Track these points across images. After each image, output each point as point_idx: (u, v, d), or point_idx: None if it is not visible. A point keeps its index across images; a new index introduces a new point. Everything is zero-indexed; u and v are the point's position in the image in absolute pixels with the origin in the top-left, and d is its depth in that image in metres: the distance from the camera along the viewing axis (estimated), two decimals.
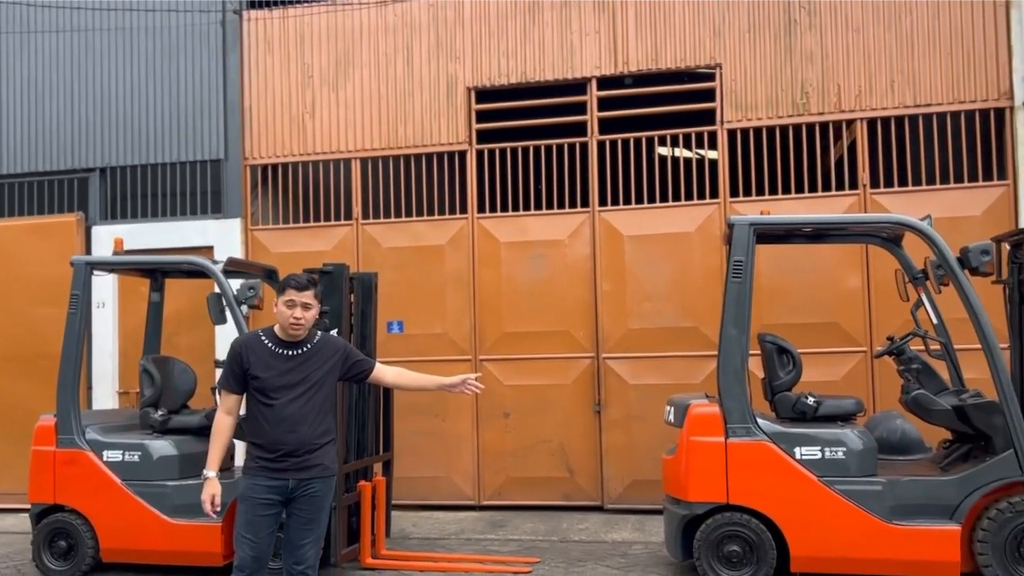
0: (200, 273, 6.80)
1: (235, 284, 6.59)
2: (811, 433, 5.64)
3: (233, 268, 6.71)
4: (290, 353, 4.25)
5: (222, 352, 8.25)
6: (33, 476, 6.55)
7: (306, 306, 4.23)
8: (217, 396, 6.71)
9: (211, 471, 4.27)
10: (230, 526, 6.11)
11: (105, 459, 6.42)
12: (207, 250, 8.90)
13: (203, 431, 6.58)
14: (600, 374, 8.30)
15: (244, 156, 9.14)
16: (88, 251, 9.20)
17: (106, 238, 9.07)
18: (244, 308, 6.43)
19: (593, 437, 8.29)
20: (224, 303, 6.39)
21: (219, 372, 7.23)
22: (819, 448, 5.58)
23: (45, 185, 9.54)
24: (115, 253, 6.95)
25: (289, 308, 4.21)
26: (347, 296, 6.45)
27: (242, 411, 4.41)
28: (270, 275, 7.29)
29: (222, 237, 9.02)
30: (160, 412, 6.69)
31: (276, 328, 4.33)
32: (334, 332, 6.25)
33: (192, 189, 9.26)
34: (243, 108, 9.16)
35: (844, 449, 5.56)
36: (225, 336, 8.39)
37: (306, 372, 4.24)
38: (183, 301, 8.59)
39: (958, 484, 5.40)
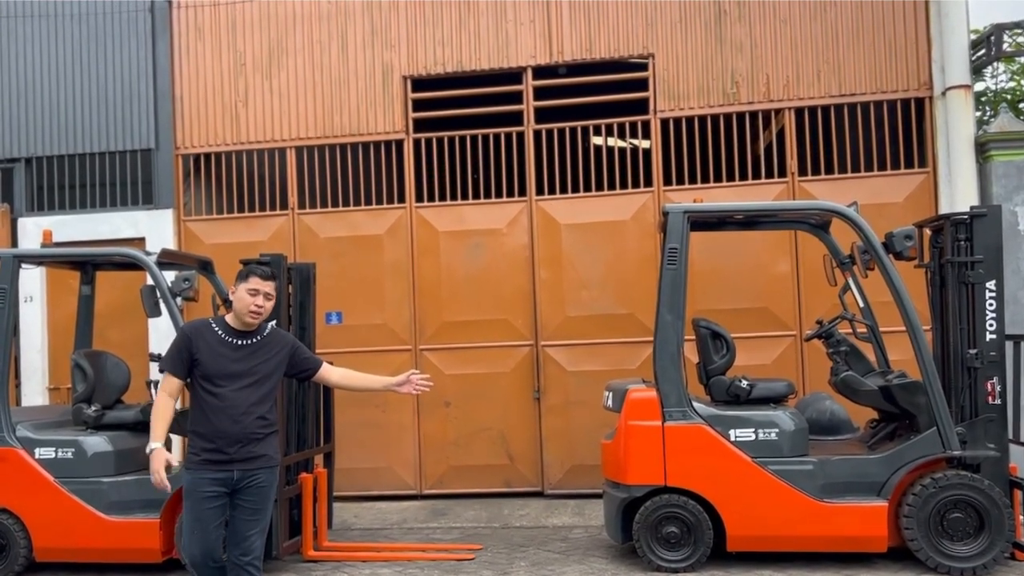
0: (133, 265, 6.67)
1: (169, 276, 6.50)
2: (745, 415, 5.80)
3: (167, 260, 6.58)
4: (239, 343, 4.26)
5: (156, 345, 8.12)
6: None
7: (268, 296, 4.28)
8: (152, 390, 6.68)
9: (156, 443, 4.19)
10: (168, 522, 6.06)
11: (37, 456, 6.26)
12: (139, 241, 8.74)
13: (138, 426, 6.50)
14: (539, 361, 8.37)
15: (176, 145, 8.97)
16: (14, 244, 8.94)
17: (33, 230, 8.85)
18: (179, 300, 6.33)
19: (533, 424, 8.37)
20: (158, 295, 6.28)
21: (153, 366, 7.18)
22: (753, 430, 5.75)
23: None
24: (43, 245, 6.78)
25: (252, 296, 4.23)
26: (284, 287, 6.39)
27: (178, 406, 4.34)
28: (205, 266, 7.16)
29: (154, 228, 8.85)
30: (94, 407, 6.55)
31: (228, 317, 4.35)
32: (272, 324, 6.22)
33: (122, 179, 9.05)
34: (174, 96, 8.98)
35: (777, 430, 5.74)
36: (158, 329, 8.26)
37: (254, 363, 4.24)
38: (114, 294, 8.39)
39: (884, 462, 5.62)
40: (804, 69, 8.18)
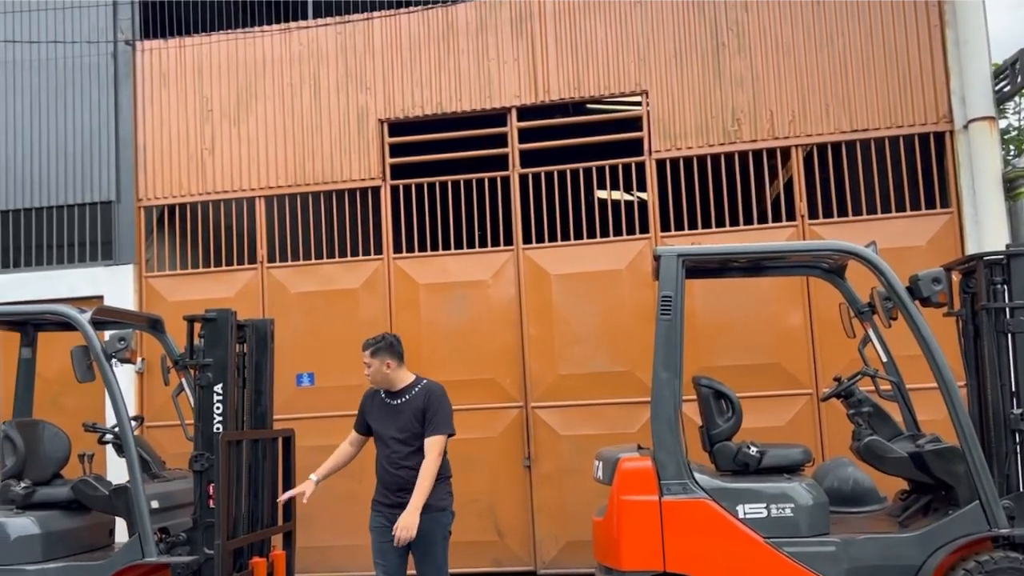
0: (68, 324, 6.02)
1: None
2: (755, 488, 5.02)
3: (104, 318, 5.95)
4: (392, 402, 4.97)
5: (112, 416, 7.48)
6: None
7: (367, 364, 5.00)
8: (86, 463, 5.97)
9: (314, 475, 5.19)
10: None
11: None
12: (97, 300, 8.14)
13: (72, 504, 5.80)
14: (529, 425, 7.67)
15: (138, 197, 8.43)
16: None
17: None
18: (113, 362, 5.67)
19: (523, 495, 7.64)
20: (91, 357, 5.63)
21: (88, 437, 6.52)
22: (764, 505, 4.97)
23: None
24: None
25: (365, 367, 5.02)
26: (233, 346, 5.71)
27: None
28: (154, 325, 6.53)
29: (113, 286, 8.28)
30: (23, 484, 5.84)
31: None
32: (218, 387, 5.56)
33: (81, 234, 8.50)
34: (136, 145, 8.46)
35: (792, 505, 4.96)
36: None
37: (401, 420, 4.88)
38: (68, 358, 7.73)
39: (919, 541, 4.82)
40: (811, 104, 7.57)
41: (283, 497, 5.56)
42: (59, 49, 8.57)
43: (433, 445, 4.80)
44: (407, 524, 4.65)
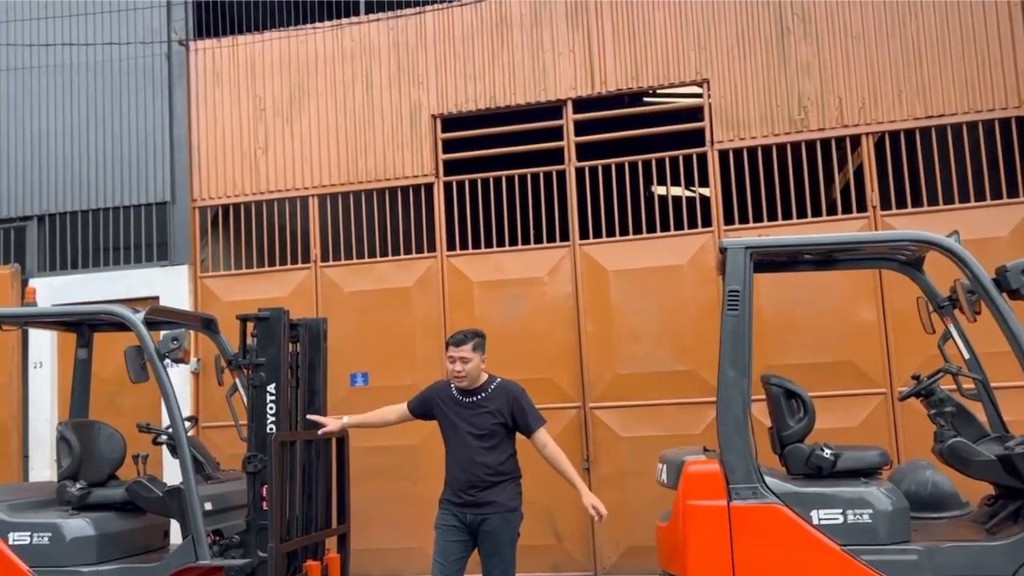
0: (122, 325, 5.98)
1: None
2: (830, 493, 4.74)
3: (158, 318, 5.90)
4: (465, 400, 4.87)
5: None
6: None
7: (464, 359, 4.82)
8: (140, 464, 5.93)
9: (347, 418, 5.33)
10: None
11: (11, 542, 5.54)
12: (153, 300, 8.13)
13: (127, 505, 5.76)
14: (587, 426, 7.45)
15: (192, 198, 8.42)
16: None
17: (46, 291, 8.29)
18: (167, 362, 5.60)
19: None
20: (145, 357, 5.57)
21: (142, 438, 6.48)
22: (840, 511, 4.68)
23: None
24: (25, 304, 6.16)
25: (451, 364, 4.86)
26: (285, 346, 5.61)
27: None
28: (207, 325, 6.48)
29: (169, 286, 8.28)
30: (78, 485, 5.81)
31: None
32: (271, 387, 5.47)
33: (137, 235, 8.52)
34: (191, 146, 8.46)
35: (871, 511, 4.66)
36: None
37: (476, 418, 4.81)
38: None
39: (1010, 551, 4.49)
40: (882, 90, 7.22)
41: (313, 417, 5.47)
42: (114, 51, 8.61)
43: (547, 435, 4.99)
44: (597, 501, 4.87)
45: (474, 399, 4.87)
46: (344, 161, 8.18)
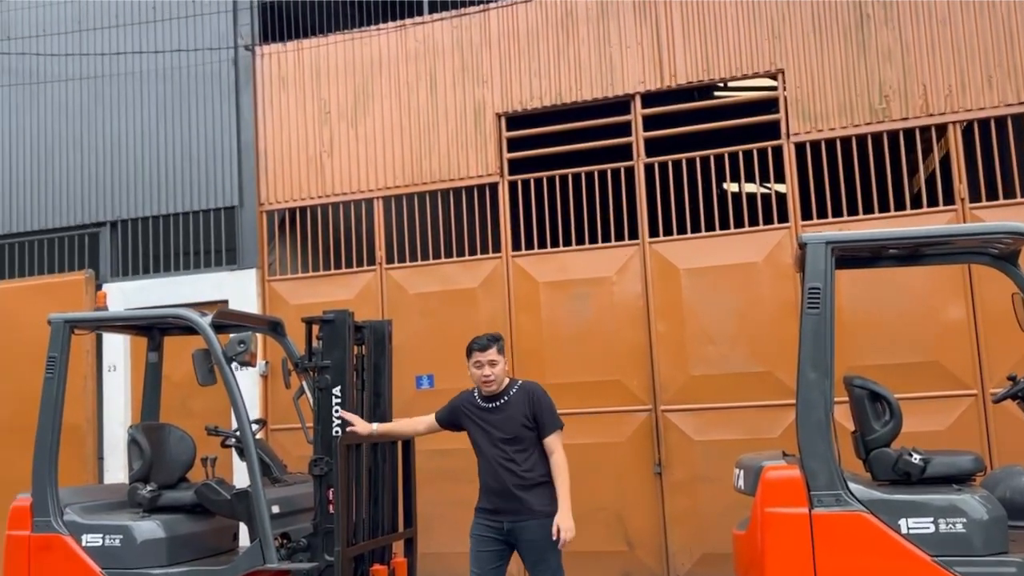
0: (191, 328, 6.00)
1: None
2: (920, 500, 4.48)
3: (225, 321, 5.90)
4: (489, 406, 4.79)
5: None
6: (7, 566, 5.77)
7: (492, 363, 4.77)
8: (209, 467, 5.94)
9: (376, 425, 5.35)
10: None
11: (84, 544, 5.59)
12: (222, 304, 8.21)
13: (196, 508, 5.76)
14: (659, 429, 7.25)
15: (260, 202, 8.48)
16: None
17: (118, 296, 8.44)
18: (234, 365, 5.58)
19: (654, 503, 7.23)
20: (212, 360, 5.57)
21: (210, 441, 6.51)
22: (931, 519, 4.42)
23: (55, 243, 9.06)
24: (97, 308, 6.23)
25: (478, 369, 4.80)
26: (351, 348, 5.55)
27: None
28: (275, 328, 6.48)
29: (237, 290, 8.35)
30: (149, 487, 5.85)
31: None
32: (337, 389, 5.41)
33: (206, 240, 8.62)
34: (258, 150, 8.52)
35: (964, 520, 4.39)
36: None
37: (500, 423, 4.72)
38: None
39: None
40: (971, 76, 6.87)
41: (343, 413, 5.34)
42: (182, 58, 8.73)
43: (558, 442, 4.77)
44: (568, 526, 4.58)
45: (498, 403, 4.78)
46: (408, 162, 8.14)
